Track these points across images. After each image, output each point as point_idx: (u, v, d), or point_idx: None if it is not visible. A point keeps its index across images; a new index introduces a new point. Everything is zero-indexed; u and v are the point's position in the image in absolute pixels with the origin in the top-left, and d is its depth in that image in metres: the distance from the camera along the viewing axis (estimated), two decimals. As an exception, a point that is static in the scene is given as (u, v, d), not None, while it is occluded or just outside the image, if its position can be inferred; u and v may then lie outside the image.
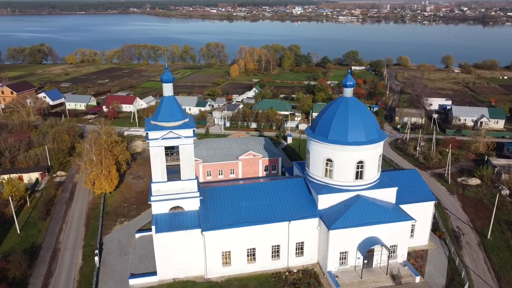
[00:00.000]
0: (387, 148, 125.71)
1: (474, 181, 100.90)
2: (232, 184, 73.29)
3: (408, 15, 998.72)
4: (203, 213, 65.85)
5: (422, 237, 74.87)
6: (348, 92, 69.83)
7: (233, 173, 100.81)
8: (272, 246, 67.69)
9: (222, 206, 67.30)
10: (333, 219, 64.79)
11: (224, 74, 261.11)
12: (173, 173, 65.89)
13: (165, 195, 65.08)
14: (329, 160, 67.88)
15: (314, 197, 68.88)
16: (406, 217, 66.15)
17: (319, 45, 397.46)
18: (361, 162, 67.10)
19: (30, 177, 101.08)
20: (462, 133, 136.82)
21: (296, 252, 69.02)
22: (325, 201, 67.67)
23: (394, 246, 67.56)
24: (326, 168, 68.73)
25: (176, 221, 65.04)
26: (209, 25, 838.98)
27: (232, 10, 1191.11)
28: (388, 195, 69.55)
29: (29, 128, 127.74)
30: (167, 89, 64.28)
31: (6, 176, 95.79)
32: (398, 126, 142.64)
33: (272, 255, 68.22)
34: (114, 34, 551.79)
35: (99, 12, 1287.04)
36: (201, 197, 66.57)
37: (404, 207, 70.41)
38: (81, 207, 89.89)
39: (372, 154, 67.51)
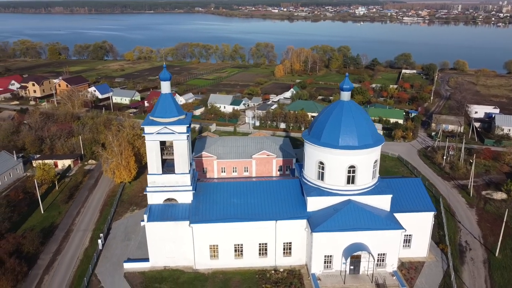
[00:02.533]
0: (414, 155, 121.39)
1: (500, 195, 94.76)
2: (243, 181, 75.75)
3: (480, 17, 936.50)
4: (194, 206, 68.92)
5: (421, 249, 72.30)
6: (345, 95, 69.33)
7: (247, 171, 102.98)
8: (260, 244, 69.16)
9: (213, 201, 69.92)
10: (318, 222, 64.90)
11: (269, 74, 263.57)
12: (170, 166, 69.64)
13: (159, 187, 68.93)
14: (321, 163, 67.95)
15: (305, 199, 69.30)
16: (395, 225, 64.56)
17: (371, 46, 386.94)
18: (352, 166, 66.45)
19: (63, 163, 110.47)
20: (503, 144, 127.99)
21: (284, 252, 69.89)
22: (314, 204, 67.85)
23: (383, 254, 66.19)
24: (318, 171, 68.84)
25: (168, 212, 68.69)
26: (269, 24, 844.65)
27: (294, 10, 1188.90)
28: (382, 202, 68.14)
29: (72, 119, 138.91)
30: (165, 87, 68.03)
31: (44, 161, 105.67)
32: (433, 133, 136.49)
33: (260, 253, 69.66)
34: (174, 33, 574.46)
35: (167, 11, 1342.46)
36: (194, 191, 69.68)
37: (400, 215, 68.58)
38: (101, 194, 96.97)
39: (365, 159, 66.55)
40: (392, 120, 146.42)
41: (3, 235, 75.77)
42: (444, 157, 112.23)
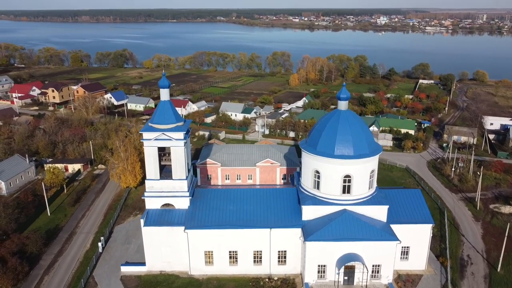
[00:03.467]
0: (422, 166, 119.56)
1: (508, 209, 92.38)
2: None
3: (506, 26, 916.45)
4: (190, 212, 69.80)
5: (419, 261, 71.06)
6: (342, 105, 69.33)
7: (251, 179, 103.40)
8: (254, 251, 69.38)
9: (209, 207, 70.67)
10: (312, 231, 64.78)
11: (284, 82, 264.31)
12: (168, 172, 70.87)
13: (157, 192, 70.16)
14: (317, 171, 67.98)
15: (301, 208, 69.26)
16: (390, 237, 63.82)
17: (390, 56, 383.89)
18: (348, 176, 66.21)
19: (74, 167, 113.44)
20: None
21: (278, 260, 69.88)
22: (309, 212, 67.77)
23: (378, 266, 65.44)
24: (314, 180, 68.85)
25: (165, 217, 69.76)
26: (289, 34, 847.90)
27: (315, 19, 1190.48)
28: (378, 213, 67.53)
29: (85, 124, 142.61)
30: (164, 94, 69.53)
31: (55, 165, 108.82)
32: (444, 145, 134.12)
33: (254, 260, 69.84)
34: (195, 41, 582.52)
35: (189, 20, 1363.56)
36: (191, 197, 70.65)
37: (398, 227, 67.84)
38: (107, 198, 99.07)
39: (360, 169, 66.22)
40: (403, 131, 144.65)
41: (8, 235, 78.26)
42: (453, 169, 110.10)
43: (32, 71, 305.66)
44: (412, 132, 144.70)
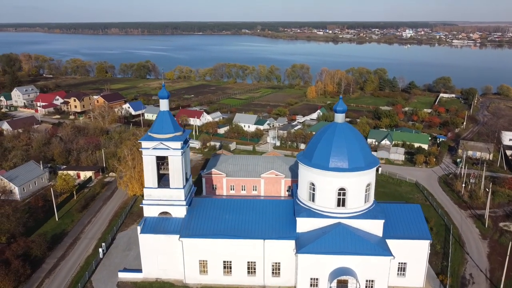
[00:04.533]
0: (433, 181, 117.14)
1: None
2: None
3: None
4: (186, 221, 70.77)
5: (417, 278, 69.49)
6: (339, 117, 69.41)
7: (256, 190, 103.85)
8: (248, 262, 69.52)
9: (205, 216, 71.48)
10: (305, 243, 64.56)
11: (302, 95, 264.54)
12: (167, 180, 72.25)
13: (155, 200, 71.57)
14: (312, 184, 67.94)
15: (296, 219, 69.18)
16: (384, 252, 62.87)
17: (412, 69, 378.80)
18: (343, 189, 65.89)
19: (85, 174, 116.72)
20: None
21: (273, 272, 69.77)
22: (304, 225, 67.61)
23: (372, 281, 64.48)
24: (310, 192, 68.80)
25: (162, 225, 70.97)
26: (313, 46, 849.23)
27: (339, 32, 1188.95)
28: (374, 227, 66.72)
29: (101, 133, 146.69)
30: (163, 105, 71.31)
31: (67, 172, 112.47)
32: (458, 160, 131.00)
33: (248, 271, 69.95)
34: (218, 53, 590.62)
35: (215, 33, 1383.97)
36: (187, 206, 71.70)
37: (394, 242, 66.87)
38: (114, 205, 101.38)
39: (356, 182, 65.81)
40: (416, 145, 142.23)
41: (15, 238, 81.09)
42: (463, 185, 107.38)
43: (59, 81, 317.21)
44: (425, 146, 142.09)
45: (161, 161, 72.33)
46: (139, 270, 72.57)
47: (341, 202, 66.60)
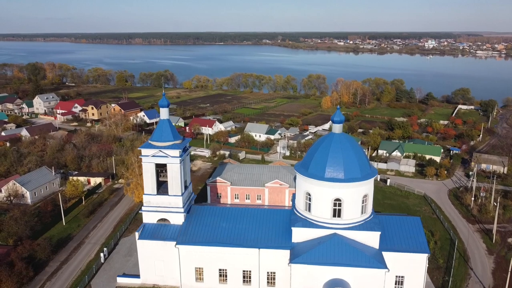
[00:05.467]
0: (443, 194, 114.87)
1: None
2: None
3: None
4: (184, 228, 71.57)
5: (415, 292, 68.11)
6: (337, 128, 69.38)
7: (260, 199, 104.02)
8: (244, 271, 69.65)
9: (202, 224, 72.14)
10: (299, 253, 64.32)
11: (317, 105, 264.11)
12: (166, 188, 73.39)
13: (154, 207, 72.74)
14: (308, 194, 67.87)
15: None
16: (378, 264, 62.00)
17: (429, 80, 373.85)
18: (338, 199, 65.55)
19: (95, 181, 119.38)
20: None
21: (268, 281, 69.68)
22: (299, 235, 67.42)
23: (366, 294, 63.46)
24: (306, 202, 68.70)
25: (160, 231, 71.97)
26: (333, 56, 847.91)
27: (360, 42, 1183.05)
28: (370, 239, 65.96)
29: (113, 140, 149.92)
30: (163, 113, 72.72)
31: (77, 178, 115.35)
32: (470, 173, 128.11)
33: (244, 280, 70.03)
34: (237, 63, 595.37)
35: (236, 43, 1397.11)
36: (185, 213, 72.55)
37: (391, 254, 65.92)
38: (120, 211, 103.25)
39: (351, 193, 65.39)
40: (428, 157, 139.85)
41: (22, 241, 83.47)
42: (473, 198, 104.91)
43: (80, 90, 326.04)
44: (437, 158, 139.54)
45: (161, 169, 73.60)
46: (137, 276, 73.58)
47: (336, 213, 66.19)
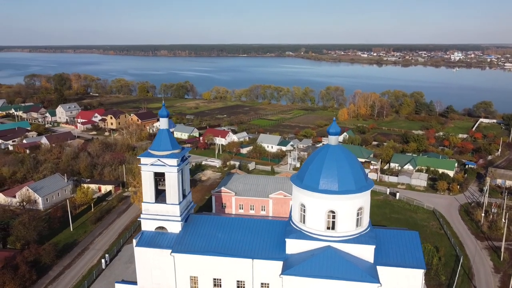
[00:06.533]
0: (453, 210, 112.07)
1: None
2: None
3: None
4: (180, 236, 72.37)
5: (411, 309, 66.46)
6: (333, 139, 69.11)
7: (264, 210, 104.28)
8: (238, 281, 69.68)
9: (199, 233, 72.77)
10: (291, 265, 64.05)
11: (334, 117, 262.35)
12: (164, 196, 74.59)
13: (152, 215, 73.89)
14: (303, 205, 67.71)
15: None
16: (370, 278, 61.02)
17: (451, 93, 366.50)
18: (332, 211, 65.14)
19: (106, 188, 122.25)
20: None
21: (262, 293, 69.42)
22: (293, 246, 67.09)
23: (359, 308, 62.42)
24: (301, 213, 68.50)
25: (157, 239, 72.94)
26: (356, 69, 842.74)
27: (384, 54, 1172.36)
28: (364, 252, 65.01)
29: (127, 149, 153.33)
30: (163, 123, 74.28)
31: (87, 185, 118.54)
32: (484, 188, 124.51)
33: (238, 290, 70.08)
34: (257, 75, 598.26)
35: (259, 55, 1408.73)
36: (182, 222, 73.45)
37: (386, 269, 64.68)
38: (126, 219, 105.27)
39: (346, 205, 64.80)
40: (441, 171, 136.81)
41: (29, 245, 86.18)
42: (483, 214, 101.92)
43: (103, 100, 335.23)
44: (451, 173, 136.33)
45: (160, 177, 74.92)
46: (135, 283, 74.64)
47: (330, 225, 65.71)
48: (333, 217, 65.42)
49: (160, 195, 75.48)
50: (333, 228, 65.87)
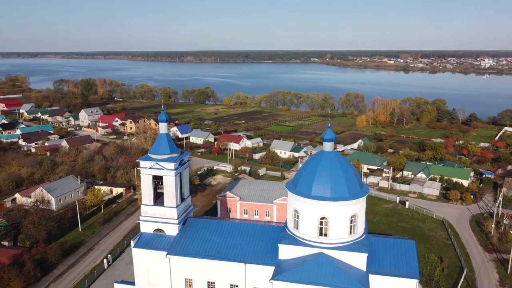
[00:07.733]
0: (464, 220, 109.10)
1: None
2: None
3: None
4: (177, 239, 73.60)
5: (405, 320, 65.14)
6: (327, 146, 69.03)
7: (268, 215, 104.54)
8: (231, 285, 70.18)
9: (195, 236, 73.75)
10: (282, 271, 64.11)
11: (352, 124, 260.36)
12: (163, 199, 76.16)
13: (150, 217, 75.51)
14: (296, 211, 67.76)
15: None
16: (360, 287, 60.33)
17: (475, 100, 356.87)
18: (324, 218, 64.91)
19: (117, 191, 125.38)
20: None
21: (254, 297, 69.63)
22: (285, 252, 67.14)
23: (348, 317, 61.78)
24: (294, 219, 68.55)
25: (154, 241, 74.41)
26: (381, 75, 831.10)
27: (411, 61, 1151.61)
28: (357, 260, 64.39)
29: (141, 153, 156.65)
30: (162, 128, 75.93)
31: (99, 187, 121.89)
32: (498, 198, 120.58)
33: (231, 294, 70.54)
34: (280, 81, 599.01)
35: (284, 61, 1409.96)
36: (180, 224, 74.72)
37: (378, 278, 63.85)
38: (133, 221, 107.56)
39: (338, 212, 64.43)
40: (455, 180, 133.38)
41: (37, 243, 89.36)
42: (493, 225, 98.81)
43: (126, 104, 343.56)
44: (465, 182, 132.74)
45: (159, 181, 76.51)
46: (133, 283, 76.27)
47: (323, 232, 65.45)
48: (326, 223, 65.19)
49: (159, 198, 77.19)
50: (325, 234, 65.61)
